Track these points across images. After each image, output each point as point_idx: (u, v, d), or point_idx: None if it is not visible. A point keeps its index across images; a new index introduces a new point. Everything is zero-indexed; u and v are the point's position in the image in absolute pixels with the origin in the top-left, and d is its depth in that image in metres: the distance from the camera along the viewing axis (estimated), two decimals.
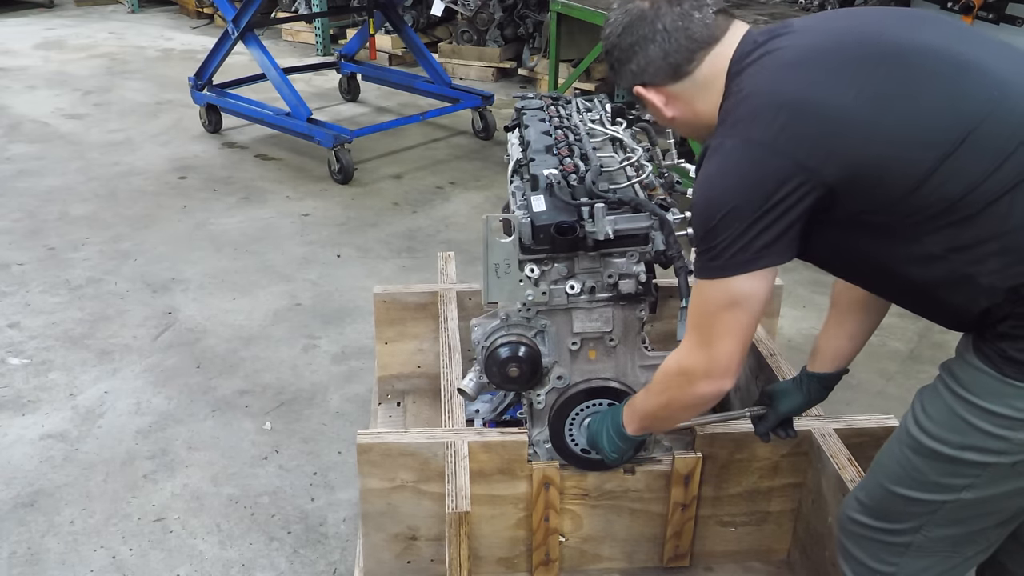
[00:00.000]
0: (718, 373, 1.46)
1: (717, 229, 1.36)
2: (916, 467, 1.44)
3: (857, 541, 1.56)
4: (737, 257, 1.36)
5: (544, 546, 1.99)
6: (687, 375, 1.51)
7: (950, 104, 1.30)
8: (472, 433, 1.93)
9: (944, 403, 1.41)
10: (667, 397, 1.60)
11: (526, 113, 2.20)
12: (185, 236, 4.14)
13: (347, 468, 2.63)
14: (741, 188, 1.34)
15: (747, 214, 1.33)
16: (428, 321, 2.48)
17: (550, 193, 1.75)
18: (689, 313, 1.49)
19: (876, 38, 1.39)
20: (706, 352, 1.46)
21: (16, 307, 3.50)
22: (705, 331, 1.45)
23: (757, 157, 1.33)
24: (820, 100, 1.32)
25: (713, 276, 1.40)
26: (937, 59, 1.34)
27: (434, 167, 5.09)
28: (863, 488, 1.57)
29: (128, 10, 9.02)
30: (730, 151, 1.37)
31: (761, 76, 1.39)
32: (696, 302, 1.46)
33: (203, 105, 5.41)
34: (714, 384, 1.48)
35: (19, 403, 2.93)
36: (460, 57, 6.85)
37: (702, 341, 1.46)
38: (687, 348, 1.51)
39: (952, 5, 4.49)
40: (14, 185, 4.67)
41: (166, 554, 2.34)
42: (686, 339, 1.52)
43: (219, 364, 3.15)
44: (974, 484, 1.40)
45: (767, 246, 1.35)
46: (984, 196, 1.28)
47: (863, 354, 1.80)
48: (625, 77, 1.53)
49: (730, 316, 1.41)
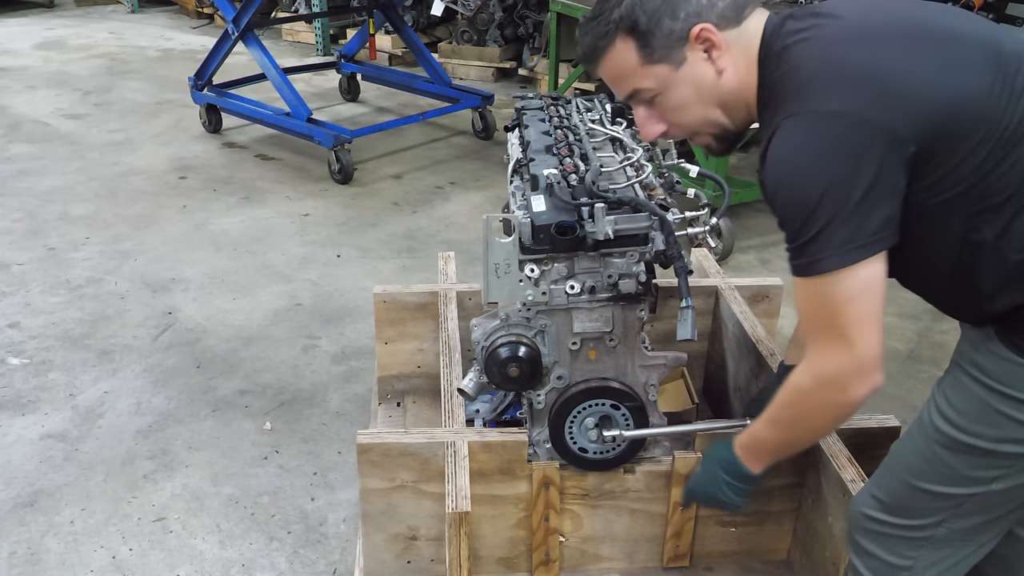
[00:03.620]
0: (870, 367, 1.32)
1: (818, 216, 1.24)
2: (947, 463, 1.40)
3: (874, 538, 1.52)
4: (852, 243, 1.24)
5: (544, 546, 1.99)
6: (835, 383, 1.35)
7: (1005, 83, 1.27)
8: (472, 433, 1.93)
9: (974, 397, 1.37)
10: (811, 418, 1.45)
11: (526, 113, 2.20)
12: (185, 236, 4.14)
13: (347, 468, 2.63)
14: (836, 163, 1.23)
15: (850, 191, 1.22)
16: (428, 321, 2.48)
17: (550, 193, 1.75)
18: (806, 314, 1.37)
19: (920, 21, 1.35)
20: (849, 351, 1.31)
21: (16, 307, 3.50)
22: (839, 329, 1.31)
23: (846, 128, 1.24)
24: (892, 68, 1.26)
25: (825, 270, 1.27)
26: (976, 41, 1.31)
27: (434, 167, 5.09)
28: (880, 485, 1.52)
29: (128, 10, 9.01)
30: (810, 125, 1.26)
31: (818, 49, 1.32)
32: (814, 301, 1.32)
33: (203, 105, 5.41)
34: (869, 382, 1.33)
35: (19, 403, 2.93)
36: (460, 57, 6.85)
37: (838, 340, 1.32)
38: (823, 355, 1.35)
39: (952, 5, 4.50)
40: (14, 185, 4.67)
41: (166, 554, 2.34)
42: (815, 344, 1.37)
43: (219, 364, 3.16)
44: (1006, 475, 1.38)
45: (881, 227, 1.25)
46: None
47: None
48: (684, 12, 1.39)
49: (860, 304, 1.28)
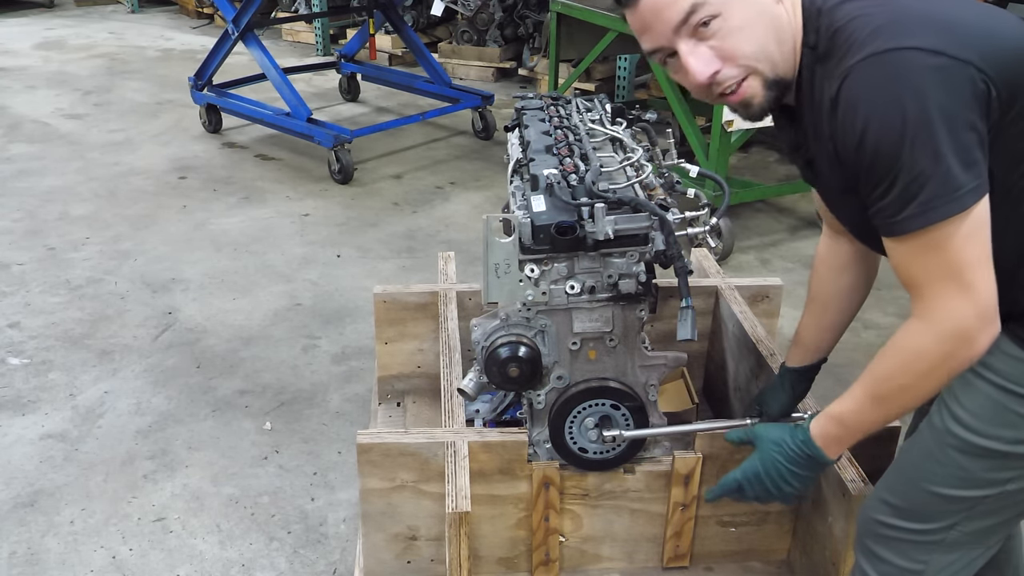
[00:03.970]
0: (991, 312, 1.24)
1: (919, 155, 1.16)
2: (962, 466, 1.40)
3: (887, 543, 1.51)
4: (965, 184, 1.17)
5: (544, 546, 1.99)
6: (961, 336, 1.24)
7: None
8: (472, 433, 1.93)
9: (988, 399, 1.36)
10: (924, 383, 1.31)
11: (526, 113, 2.20)
12: (185, 236, 4.15)
13: (347, 468, 2.63)
14: (934, 98, 1.15)
15: (952, 127, 1.14)
16: (428, 321, 2.48)
17: (550, 193, 1.75)
18: (914, 272, 1.26)
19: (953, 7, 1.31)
20: (972, 298, 1.22)
21: (16, 307, 3.50)
22: (958, 276, 1.21)
23: (934, 62, 1.16)
24: (956, 18, 1.23)
25: (945, 216, 1.17)
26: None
27: (434, 167, 5.09)
28: (891, 490, 1.51)
29: (128, 10, 9.02)
30: (895, 63, 1.18)
31: (879, 4, 1.27)
32: (925, 255, 1.22)
33: (203, 105, 5.41)
34: (992, 328, 1.25)
35: (19, 403, 2.93)
36: (460, 57, 6.85)
37: (960, 288, 1.22)
38: (943, 309, 1.24)
39: None
40: (14, 185, 4.67)
41: (166, 554, 2.34)
42: (930, 301, 1.25)
43: (219, 364, 3.16)
44: (1021, 475, 1.37)
45: (982, 161, 1.17)
46: None
47: (863, 354, 1.81)
48: None
49: (975, 245, 1.21)
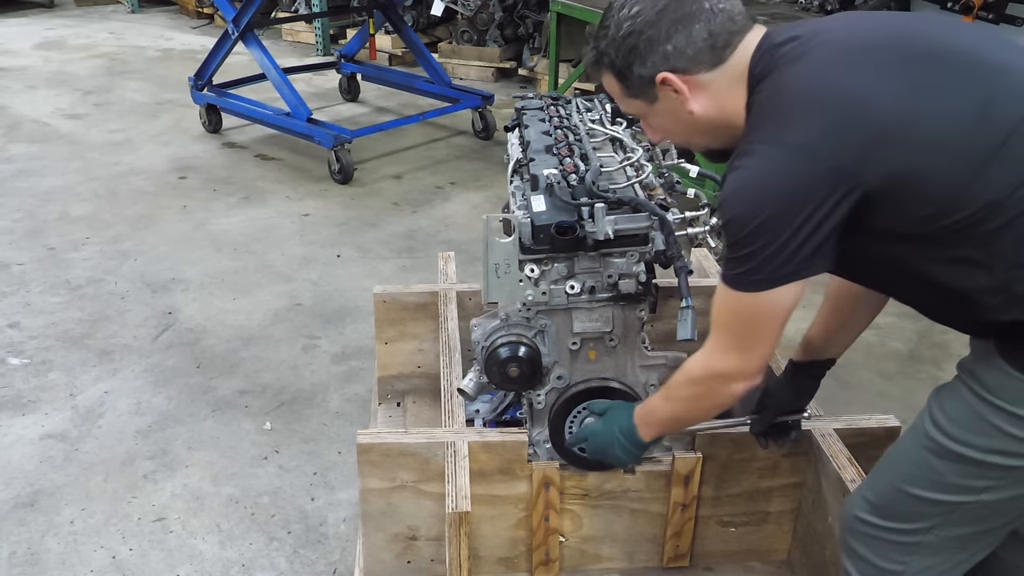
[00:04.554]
0: (752, 373, 1.47)
1: (753, 238, 1.31)
2: (935, 469, 1.41)
3: (865, 541, 1.53)
4: (780, 270, 1.32)
5: (544, 546, 1.99)
6: (723, 378, 1.49)
7: (986, 109, 1.27)
8: (472, 433, 1.93)
9: (968, 407, 1.38)
10: (697, 401, 1.58)
11: (526, 113, 2.20)
12: (185, 236, 4.14)
13: (347, 468, 2.63)
14: (781, 195, 1.28)
15: (788, 223, 1.28)
16: (428, 321, 2.48)
17: (550, 193, 1.75)
18: (718, 315, 1.45)
19: (912, 41, 1.35)
20: (743, 356, 1.45)
21: (16, 307, 3.50)
22: (741, 338, 1.44)
23: (797, 163, 1.28)
24: (863, 102, 1.28)
25: (752, 288, 1.36)
26: (973, 65, 1.31)
27: (434, 167, 5.09)
28: (871, 488, 1.54)
29: (128, 10, 9.01)
30: (768, 155, 1.31)
31: (798, 74, 1.34)
32: (729, 308, 1.42)
33: (203, 105, 5.41)
34: (749, 383, 1.49)
35: (19, 403, 2.93)
36: (460, 57, 6.85)
37: (738, 346, 1.45)
38: (720, 352, 1.47)
39: (952, 5, 4.49)
40: (14, 185, 4.67)
41: (166, 554, 2.34)
42: (715, 341, 1.48)
43: (219, 364, 3.15)
44: (996, 486, 1.38)
45: (809, 257, 1.31)
46: (1022, 202, 1.25)
47: (863, 354, 1.81)
48: (652, 61, 1.41)
49: (767, 323, 1.40)
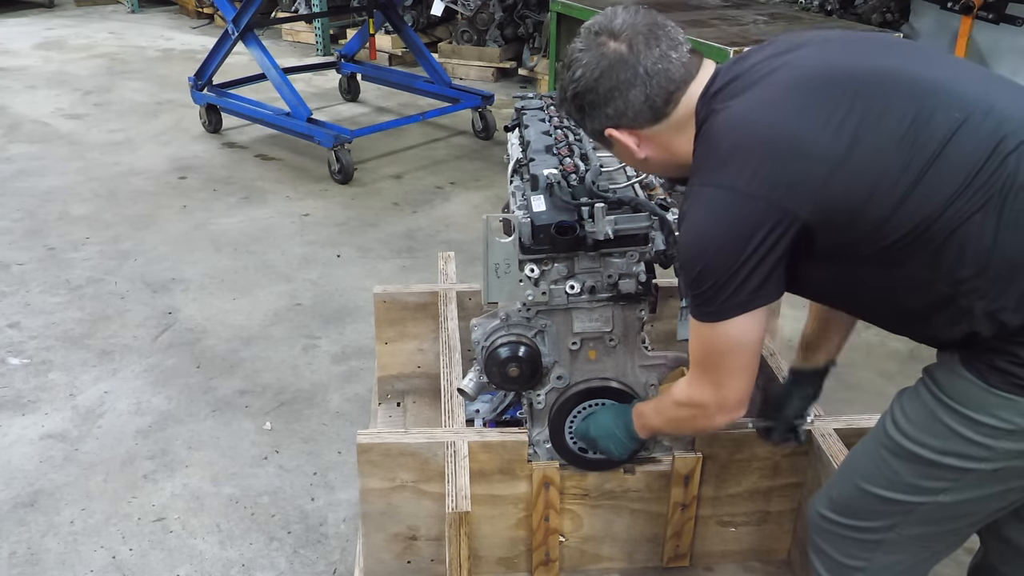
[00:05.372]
0: (731, 407, 1.51)
1: (704, 276, 1.38)
2: (892, 468, 1.45)
3: (828, 538, 1.57)
4: (729, 302, 1.38)
5: (544, 546, 1.99)
6: (701, 408, 1.54)
7: (917, 130, 1.30)
8: (472, 433, 1.93)
9: (925, 407, 1.41)
10: (680, 423, 1.67)
11: (526, 113, 2.20)
12: (185, 236, 4.14)
13: (347, 468, 2.63)
14: (722, 235, 1.36)
15: (731, 260, 1.35)
16: (428, 321, 2.48)
17: (550, 193, 1.75)
18: (692, 351, 1.51)
19: (845, 67, 1.38)
20: (718, 390, 1.50)
21: (16, 307, 3.50)
22: (712, 371, 1.49)
23: (733, 203, 1.35)
24: (790, 137, 1.33)
25: (709, 320, 1.42)
26: (906, 85, 1.34)
27: (434, 167, 5.09)
28: (835, 486, 1.58)
29: (128, 10, 9.01)
30: (707, 198, 1.39)
31: (732, 116, 1.39)
32: (697, 343, 1.49)
33: (203, 105, 5.41)
34: (728, 415, 1.53)
35: (19, 403, 2.93)
36: (460, 57, 6.85)
37: (711, 380, 1.50)
38: (697, 384, 1.53)
39: (952, 5, 4.49)
40: (14, 185, 4.67)
41: (166, 554, 2.34)
42: (694, 374, 1.54)
43: (219, 364, 3.15)
44: (952, 488, 1.40)
45: (757, 289, 1.37)
46: (956, 218, 1.28)
47: (863, 354, 1.81)
48: (598, 120, 1.50)
49: (734, 356, 1.45)
